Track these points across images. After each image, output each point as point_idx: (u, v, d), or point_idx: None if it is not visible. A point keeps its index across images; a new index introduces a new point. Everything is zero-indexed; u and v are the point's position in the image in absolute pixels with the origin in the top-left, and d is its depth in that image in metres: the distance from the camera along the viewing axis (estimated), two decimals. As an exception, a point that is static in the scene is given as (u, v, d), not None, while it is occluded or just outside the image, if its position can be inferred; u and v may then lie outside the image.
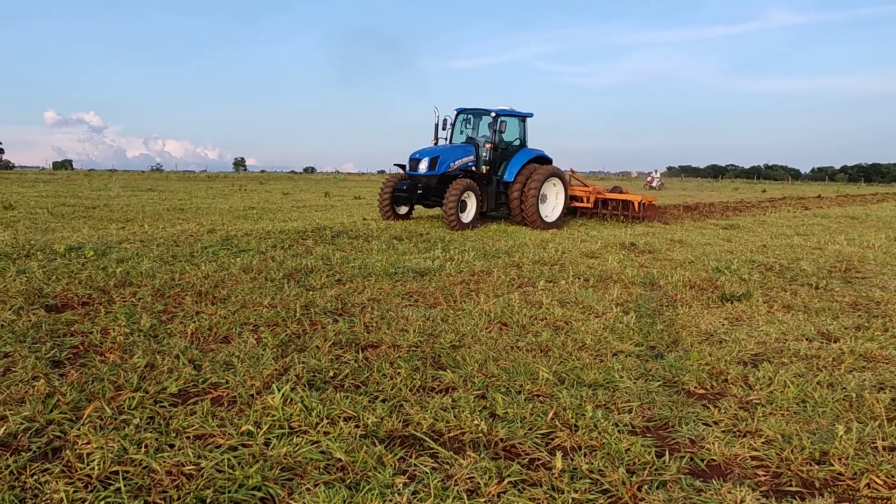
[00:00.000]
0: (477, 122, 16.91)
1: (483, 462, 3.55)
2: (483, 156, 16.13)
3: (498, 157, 16.36)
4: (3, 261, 8.37)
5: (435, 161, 15.38)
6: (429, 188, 15.59)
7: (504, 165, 16.34)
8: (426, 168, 15.35)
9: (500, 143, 16.49)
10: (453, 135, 17.06)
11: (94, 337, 5.57)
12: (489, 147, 15.99)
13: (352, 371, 4.92)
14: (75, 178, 45.95)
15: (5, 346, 5.25)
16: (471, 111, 17.06)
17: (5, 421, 3.82)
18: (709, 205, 27.34)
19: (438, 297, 7.59)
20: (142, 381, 4.54)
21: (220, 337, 5.78)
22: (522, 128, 17.17)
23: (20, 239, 10.05)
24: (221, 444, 3.70)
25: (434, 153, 15.51)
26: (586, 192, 19.38)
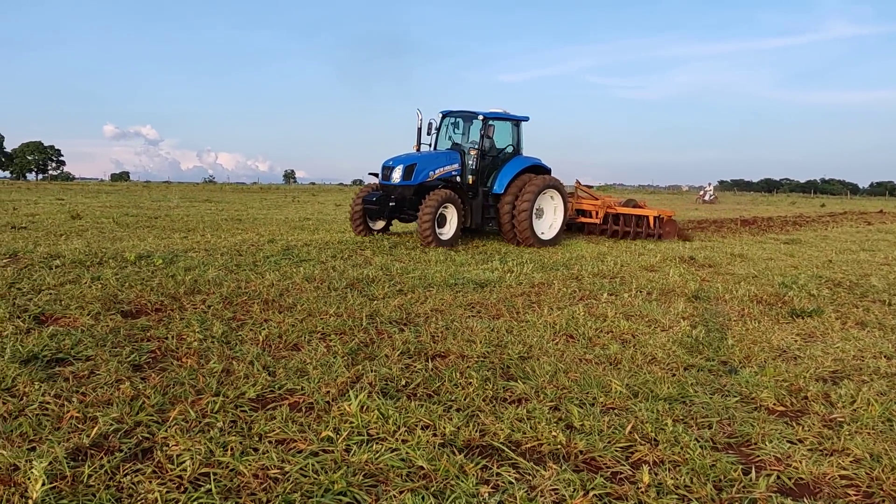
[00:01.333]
0: (466, 127, 14.98)
1: (565, 474, 3.51)
2: (469, 164, 14.21)
3: (487, 165, 14.50)
4: (78, 268, 8.67)
5: (411, 169, 13.48)
6: (403, 200, 13.59)
7: (494, 175, 14.51)
8: (400, 177, 13.43)
9: (491, 149, 14.71)
10: (438, 140, 15.12)
11: (171, 342, 5.71)
12: (475, 154, 14.14)
13: (423, 380, 4.93)
14: (134, 189, 47.47)
15: (87, 349, 5.42)
16: (458, 114, 15.16)
17: (95, 422, 3.94)
18: (767, 219, 26.69)
19: (501, 309, 7.57)
20: (220, 386, 4.63)
21: (290, 344, 5.87)
22: (516, 133, 15.17)
23: (93, 247, 10.40)
24: (303, 450, 3.74)
25: (410, 160, 13.62)
26: (595, 205, 17.32)
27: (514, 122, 15.13)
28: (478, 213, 14.14)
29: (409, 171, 13.46)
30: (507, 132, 15.14)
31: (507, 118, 14.88)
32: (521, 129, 15.25)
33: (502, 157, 14.80)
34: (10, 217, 16.89)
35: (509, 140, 15.17)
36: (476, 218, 14.11)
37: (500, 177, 14.39)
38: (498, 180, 14.36)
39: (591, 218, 17.20)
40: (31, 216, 17.52)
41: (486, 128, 14.11)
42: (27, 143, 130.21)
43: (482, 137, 14.13)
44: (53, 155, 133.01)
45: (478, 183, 14.16)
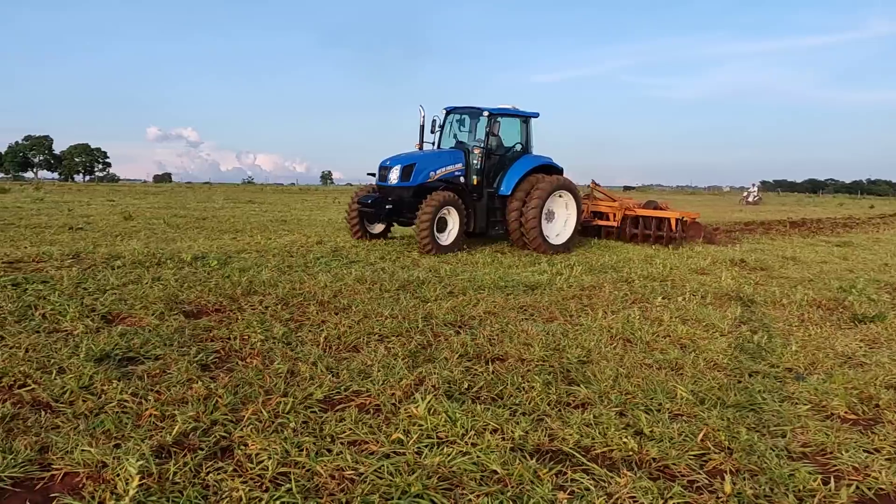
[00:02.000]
0: (473, 124, 13.93)
1: (641, 482, 3.48)
2: (473, 164, 13.20)
3: (493, 165, 13.48)
4: (138, 268, 8.89)
5: (409, 170, 12.54)
6: (401, 202, 12.66)
7: (501, 176, 13.45)
8: (398, 178, 12.53)
9: (498, 148, 13.68)
10: (442, 138, 14.19)
11: (235, 343, 5.83)
12: (480, 153, 13.16)
13: (486, 384, 4.94)
14: (178, 190, 48.45)
15: (155, 349, 5.56)
16: (463, 110, 14.14)
17: (174, 420, 4.04)
18: (815, 221, 26.10)
19: (554, 312, 7.55)
20: (288, 387, 4.71)
21: (350, 346, 5.93)
22: (525, 130, 14.10)
23: (150, 248, 10.65)
24: (375, 451, 3.79)
25: (409, 160, 12.67)
26: (613, 207, 16.24)
27: (522, 119, 14.06)
28: (482, 216, 13.17)
29: (407, 171, 12.54)
30: (516, 129, 14.08)
31: (516, 114, 13.87)
32: (531, 125, 14.19)
33: (510, 157, 13.79)
34: (66, 218, 17.39)
35: (518, 138, 14.11)
36: (480, 222, 13.13)
37: (507, 177, 13.35)
38: (505, 181, 13.33)
39: (608, 221, 16.21)
40: (86, 217, 18.02)
41: (491, 125, 13.11)
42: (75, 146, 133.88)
43: (487, 135, 13.15)
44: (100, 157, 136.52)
45: (483, 184, 13.22)
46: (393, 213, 12.85)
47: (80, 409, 4.23)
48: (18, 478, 3.36)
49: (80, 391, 4.51)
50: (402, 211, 12.73)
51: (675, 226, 15.28)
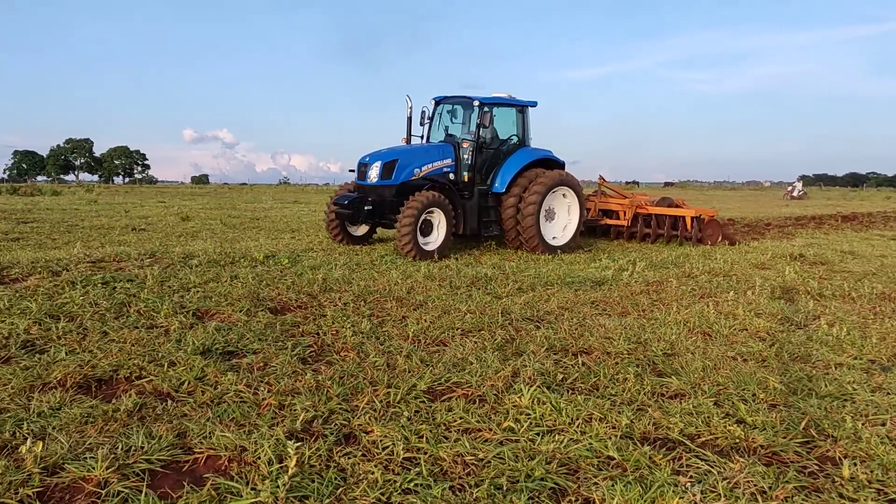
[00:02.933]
0: (467, 115, 12.74)
1: (755, 467, 3.60)
2: (464, 159, 12.12)
3: (486, 160, 12.39)
4: (214, 267, 9.20)
5: (391, 166, 11.50)
6: (382, 203, 11.51)
7: (495, 171, 12.37)
8: (378, 175, 11.47)
9: (493, 141, 12.63)
10: (431, 131, 13.16)
11: (326, 338, 6.05)
12: (471, 147, 12.10)
13: (580, 375, 5.08)
14: (221, 191, 49.32)
15: (252, 343, 5.81)
16: (454, 100, 13.02)
17: (293, 409, 4.26)
18: (866, 215, 25.64)
19: (626, 307, 7.64)
20: (391, 379, 4.90)
21: (436, 340, 6.12)
22: (521, 121, 12.96)
23: (222, 248, 11.00)
24: (489, 439, 3.96)
25: (390, 156, 11.61)
26: (623, 205, 15.13)
27: (518, 109, 12.92)
28: (473, 216, 11.99)
29: (388, 168, 11.48)
30: (511, 120, 12.96)
31: (510, 103, 12.72)
32: (528, 116, 13.05)
33: (505, 150, 12.65)
34: (126, 220, 17.92)
35: (513, 129, 12.98)
36: (471, 222, 11.97)
37: (501, 173, 12.25)
38: (499, 177, 12.23)
39: (618, 219, 15.18)
40: (144, 218, 18.54)
41: (482, 115, 11.84)
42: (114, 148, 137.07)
43: (479, 127, 11.95)
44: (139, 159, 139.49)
45: (474, 181, 12.13)
46: (373, 215, 11.62)
47: (202, 398, 4.48)
48: (166, 460, 3.60)
49: (196, 382, 4.77)
50: (384, 212, 11.52)
51: (690, 224, 14.33)
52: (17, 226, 15.41)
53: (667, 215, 14.71)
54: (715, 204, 34.24)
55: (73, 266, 8.68)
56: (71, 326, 6.09)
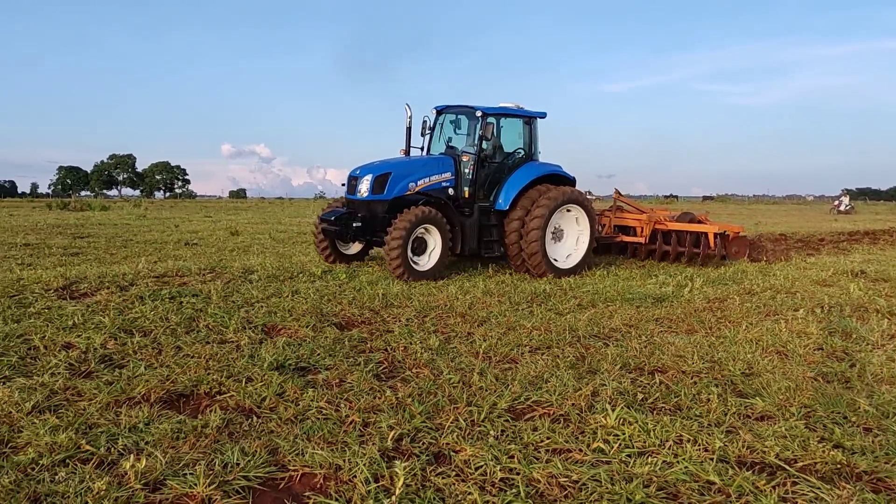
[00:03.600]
0: (472, 126, 11.69)
1: (865, 494, 3.48)
2: (465, 173, 11.22)
3: (489, 174, 11.43)
4: (274, 282, 9.30)
5: (383, 180, 10.61)
6: (373, 219, 10.62)
7: (498, 187, 11.40)
8: (369, 190, 10.57)
9: (495, 154, 11.64)
10: (432, 143, 12.23)
11: (397, 354, 6.05)
12: (470, 160, 11.18)
13: (661, 395, 4.99)
14: (262, 206, 50.05)
15: (323, 359, 5.83)
16: (457, 109, 12.02)
17: (378, 427, 4.25)
18: (922, 229, 24.90)
19: (692, 324, 7.51)
20: (470, 397, 4.87)
21: (506, 357, 6.07)
22: (528, 133, 11.97)
23: (283, 263, 11.16)
24: (580, 460, 3.89)
25: (383, 169, 10.73)
26: (640, 221, 13.93)
27: (525, 120, 11.93)
28: (472, 235, 11.04)
29: (380, 181, 10.60)
30: (517, 132, 12.01)
31: (516, 114, 11.76)
32: (536, 128, 12.05)
33: (510, 164, 11.70)
34: (178, 235, 18.26)
35: (519, 142, 12.00)
36: (471, 241, 11.03)
37: (505, 189, 11.26)
38: (503, 193, 11.24)
39: (635, 236, 13.94)
40: (194, 233, 18.87)
41: (484, 127, 10.97)
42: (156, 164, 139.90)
43: (480, 139, 11.09)
44: (179, 174, 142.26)
45: (474, 196, 11.24)
46: (363, 232, 10.71)
47: (285, 415, 4.50)
48: (263, 477, 3.61)
49: (276, 398, 4.79)
50: (375, 229, 10.61)
51: (714, 241, 13.15)
52: (74, 241, 15.80)
53: (687, 231, 13.48)
54: (759, 218, 33.67)
55: (138, 281, 8.84)
56: (145, 341, 6.19)
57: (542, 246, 10.93)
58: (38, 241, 15.49)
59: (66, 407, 4.56)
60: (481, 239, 11.15)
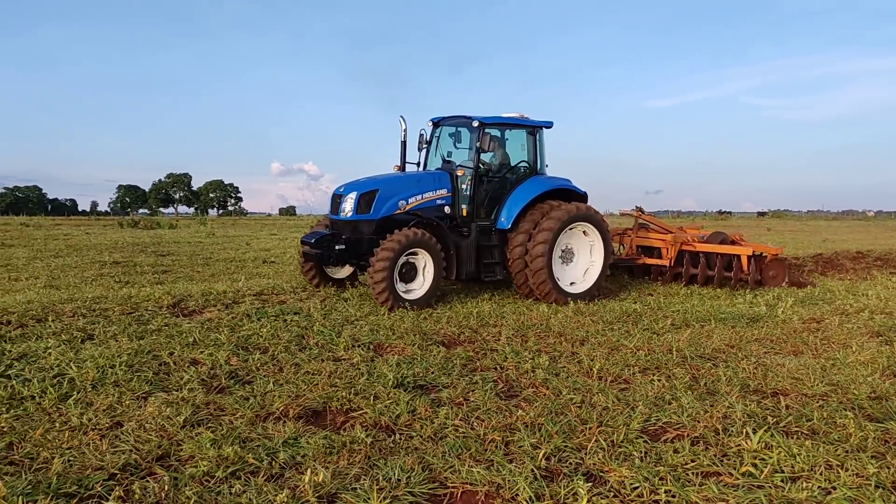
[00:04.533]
0: (473, 139, 10.66)
1: None
2: (462, 189, 10.34)
3: (490, 191, 10.52)
4: (367, 300, 9.52)
5: (369, 198, 9.69)
6: (358, 241, 9.71)
7: (500, 204, 10.47)
8: (353, 209, 9.66)
9: (499, 168, 10.79)
10: (429, 157, 11.33)
11: (510, 373, 6.14)
12: (470, 175, 10.28)
13: (793, 418, 4.96)
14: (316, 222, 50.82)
15: (439, 378, 5.96)
16: (454, 121, 11.06)
17: (520, 446, 4.34)
18: None
19: (796, 345, 7.41)
20: (599, 417, 4.93)
21: (617, 377, 6.09)
22: (533, 145, 11.00)
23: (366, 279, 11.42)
24: (731, 483, 3.91)
25: (369, 185, 9.84)
26: (665, 241, 12.61)
27: (529, 131, 10.98)
28: (471, 257, 10.11)
29: (366, 200, 9.68)
30: (520, 144, 11.09)
31: (518, 124, 10.85)
32: (542, 139, 11.09)
33: (513, 180, 10.76)
34: (253, 252, 18.75)
35: (523, 154, 11.05)
36: (468, 265, 10.08)
37: (507, 206, 10.37)
38: (505, 210, 10.36)
39: (660, 258, 12.73)
40: (266, 251, 19.34)
41: (482, 138, 10.07)
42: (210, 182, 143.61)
43: (478, 151, 10.18)
44: (232, 192, 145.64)
45: (473, 215, 10.33)
46: (348, 255, 9.80)
47: (424, 432, 4.62)
48: (427, 493, 3.73)
49: (409, 416, 4.93)
50: (360, 252, 9.68)
51: (747, 264, 12.00)
52: (158, 258, 16.39)
53: (718, 253, 12.23)
54: (825, 235, 32.84)
55: (240, 299, 9.15)
56: (265, 358, 6.42)
57: (549, 268, 9.98)
58: (125, 258, 16.11)
59: (213, 421, 4.78)
60: (481, 261, 10.21)
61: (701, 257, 12.25)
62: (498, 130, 10.76)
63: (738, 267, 12.00)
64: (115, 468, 3.94)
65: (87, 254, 17.24)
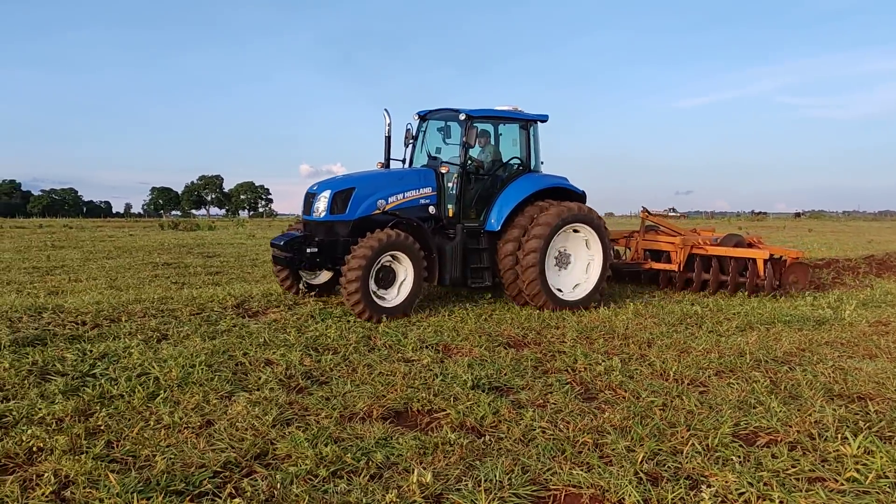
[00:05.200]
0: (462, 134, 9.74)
1: None
2: (448, 188, 9.62)
3: (479, 189, 9.76)
4: (425, 301, 9.54)
5: (345, 197, 8.93)
6: (333, 244, 8.84)
7: (489, 204, 9.70)
8: (326, 208, 8.89)
9: (492, 165, 10.04)
10: (415, 154, 10.54)
11: (584, 375, 6.12)
12: (450, 172, 9.58)
13: (885, 423, 4.86)
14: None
15: (513, 379, 5.95)
16: (443, 115, 10.24)
17: (614, 449, 4.32)
18: None
19: (869, 349, 7.27)
20: (687, 421, 4.88)
21: (692, 379, 6.03)
22: (526, 140, 10.23)
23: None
24: (838, 489, 3.84)
25: (345, 184, 9.09)
26: (674, 244, 11.63)
27: (521, 125, 10.20)
28: (456, 261, 9.31)
29: (341, 198, 8.92)
30: (512, 140, 10.33)
31: (510, 118, 10.10)
32: (536, 134, 10.34)
33: (504, 178, 9.99)
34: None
35: (515, 149, 10.26)
36: (453, 269, 9.29)
37: (497, 206, 9.60)
38: (494, 211, 9.59)
39: (669, 262, 11.72)
40: (310, 252, 19.48)
41: (468, 132, 9.34)
42: (241, 184, 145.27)
43: (464, 147, 9.43)
44: (263, 193, 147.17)
45: (459, 215, 9.58)
46: (321, 259, 8.92)
47: (513, 434, 4.62)
48: (530, 495, 3.73)
49: (493, 417, 4.93)
50: (335, 256, 8.79)
51: (763, 269, 10.99)
52: (206, 260, 16.62)
53: (731, 257, 11.26)
54: (868, 236, 32.19)
55: (301, 300, 9.26)
56: (337, 359, 6.47)
57: (542, 273, 9.22)
58: (174, 260, 16.38)
59: (300, 421, 4.83)
60: (468, 265, 9.41)
61: (713, 261, 11.34)
62: (489, 124, 10.08)
63: (753, 271, 11.02)
64: (217, 466, 4.00)
65: (136, 255, 17.55)
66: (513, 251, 9.33)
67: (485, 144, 10.04)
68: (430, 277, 9.00)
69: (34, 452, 4.17)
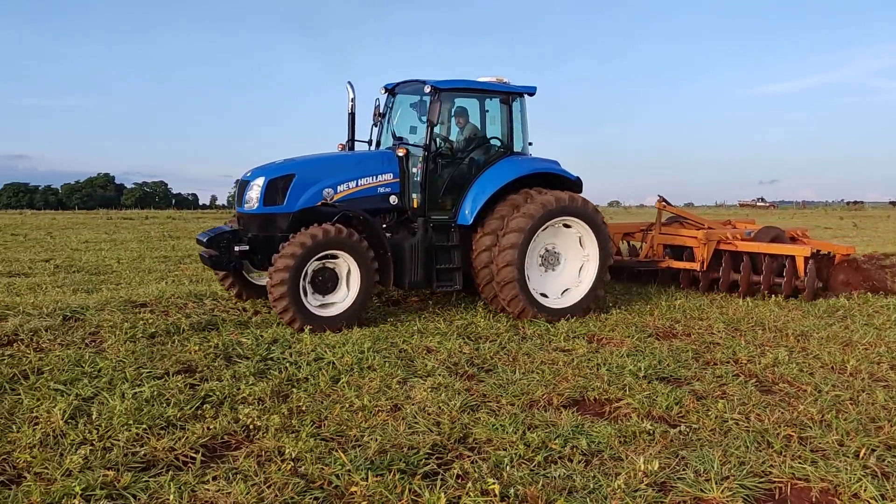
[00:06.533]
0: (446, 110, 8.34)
1: None
2: (413, 174, 8.09)
3: (449, 176, 8.24)
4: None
5: (282, 185, 7.55)
6: (269, 241, 7.39)
7: (462, 193, 8.20)
8: (259, 199, 7.49)
9: (465, 146, 8.47)
10: (382, 134, 9.01)
11: (752, 367, 6.01)
12: (411, 154, 8.09)
13: None
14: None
15: (678, 370, 5.92)
16: (412, 87, 8.62)
17: (824, 442, 4.23)
18: None
19: None
20: (888, 416, 4.72)
21: (873, 375, 5.81)
22: (508, 116, 8.53)
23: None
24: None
25: (283, 170, 7.68)
26: (697, 239, 9.95)
27: (502, 98, 8.54)
28: (418, 260, 7.83)
29: (278, 187, 7.53)
30: (493, 115, 8.67)
31: (487, 90, 8.47)
32: (521, 110, 8.68)
33: (481, 162, 8.42)
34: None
35: (495, 128, 8.63)
36: (413, 271, 7.81)
37: (470, 195, 8.13)
38: (467, 201, 8.12)
39: (690, 261, 10.03)
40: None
41: (431, 107, 7.89)
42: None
43: (429, 125, 7.90)
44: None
45: (424, 206, 8.05)
46: (255, 259, 7.67)
47: (706, 425, 4.57)
48: (756, 487, 3.69)
49: (677, 407, 4.90)
50: (270, 255, 7.17)
51: (804, 268, 9.43)
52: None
53: (765, 254, 9.68)
54: None
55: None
56: (494, 347, 6.59)
57: (520, 274, 7.77)
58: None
59: (484, 407, 4.91)
60: (430, 265, 7.89)
61: (745, 259, 9.74)
62: (466, 98, 8.53)
63: (791, 271, 9.47)
64: (427, 448, 4.12)
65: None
66: (489, 246, 7.90)
67: (464, 124, 8.55)
68: (383, 280, 7.61)
69: (251, 430, 4.41)
